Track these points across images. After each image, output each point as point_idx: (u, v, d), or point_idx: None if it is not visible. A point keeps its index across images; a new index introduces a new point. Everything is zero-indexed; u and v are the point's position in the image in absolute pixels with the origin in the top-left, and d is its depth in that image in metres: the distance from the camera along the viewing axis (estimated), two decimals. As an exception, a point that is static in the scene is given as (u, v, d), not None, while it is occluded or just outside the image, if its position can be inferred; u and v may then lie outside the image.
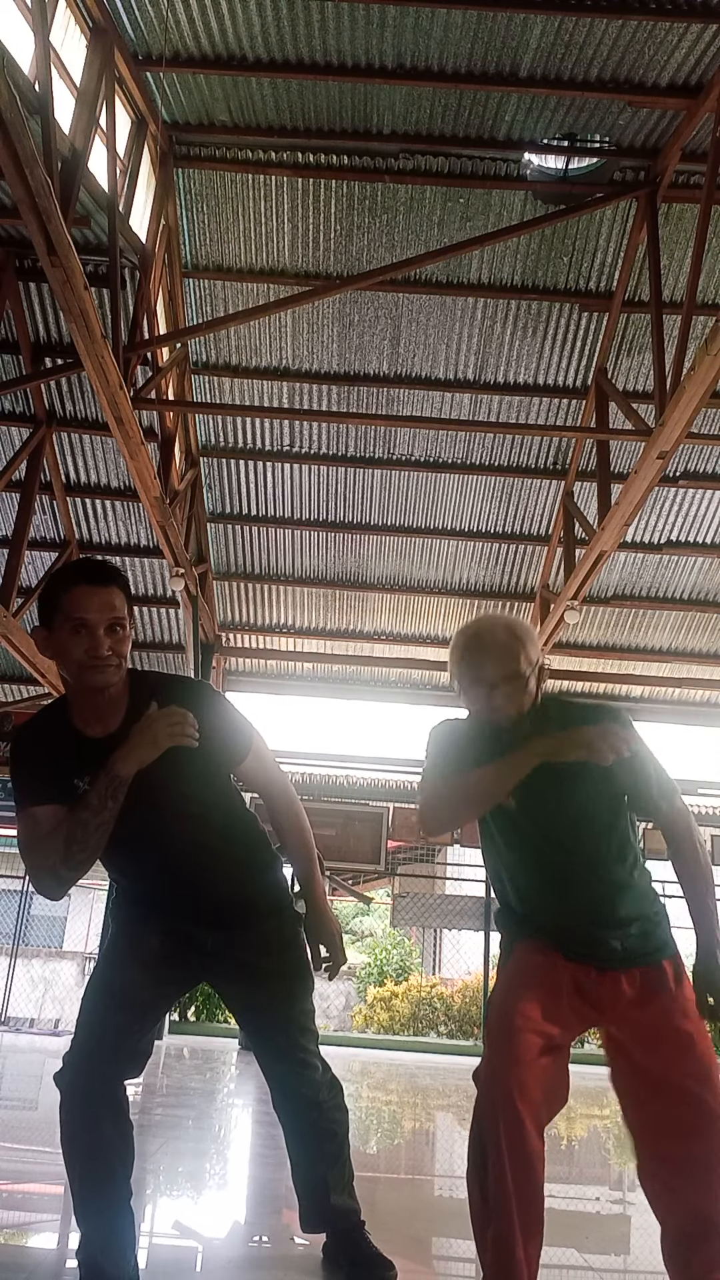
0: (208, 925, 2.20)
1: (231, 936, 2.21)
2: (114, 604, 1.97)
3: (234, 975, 2.29)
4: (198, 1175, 3.67)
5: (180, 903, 2.19)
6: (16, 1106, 5.37)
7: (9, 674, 11.14)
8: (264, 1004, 2.29)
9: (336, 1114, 2.41)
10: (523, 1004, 2.07)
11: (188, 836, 2.11)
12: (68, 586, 1.96)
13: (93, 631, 1.94)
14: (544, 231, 7.05)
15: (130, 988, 2.14)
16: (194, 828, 2.13)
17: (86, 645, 1.94)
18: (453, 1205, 3.54)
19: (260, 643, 11.09)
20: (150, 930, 2.20)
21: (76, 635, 1.94)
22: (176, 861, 2.13)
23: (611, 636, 10.67)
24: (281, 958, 2.28)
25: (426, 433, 8.64)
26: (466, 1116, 4.22)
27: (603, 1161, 5.05)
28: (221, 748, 2.11)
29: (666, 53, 5.69)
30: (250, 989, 2.29)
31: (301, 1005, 2.32)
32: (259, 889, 2.27)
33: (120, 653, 1.98)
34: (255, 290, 7.59)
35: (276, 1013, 2.29)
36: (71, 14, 5.60)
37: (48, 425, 8.33)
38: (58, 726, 2.06)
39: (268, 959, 2.25)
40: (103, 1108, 2.06)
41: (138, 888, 2.23)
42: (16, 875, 12.85)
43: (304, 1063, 2.32)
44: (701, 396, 5.69)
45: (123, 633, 1.98)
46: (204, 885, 2.16)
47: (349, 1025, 12.51)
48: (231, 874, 2.20)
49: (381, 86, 6.10)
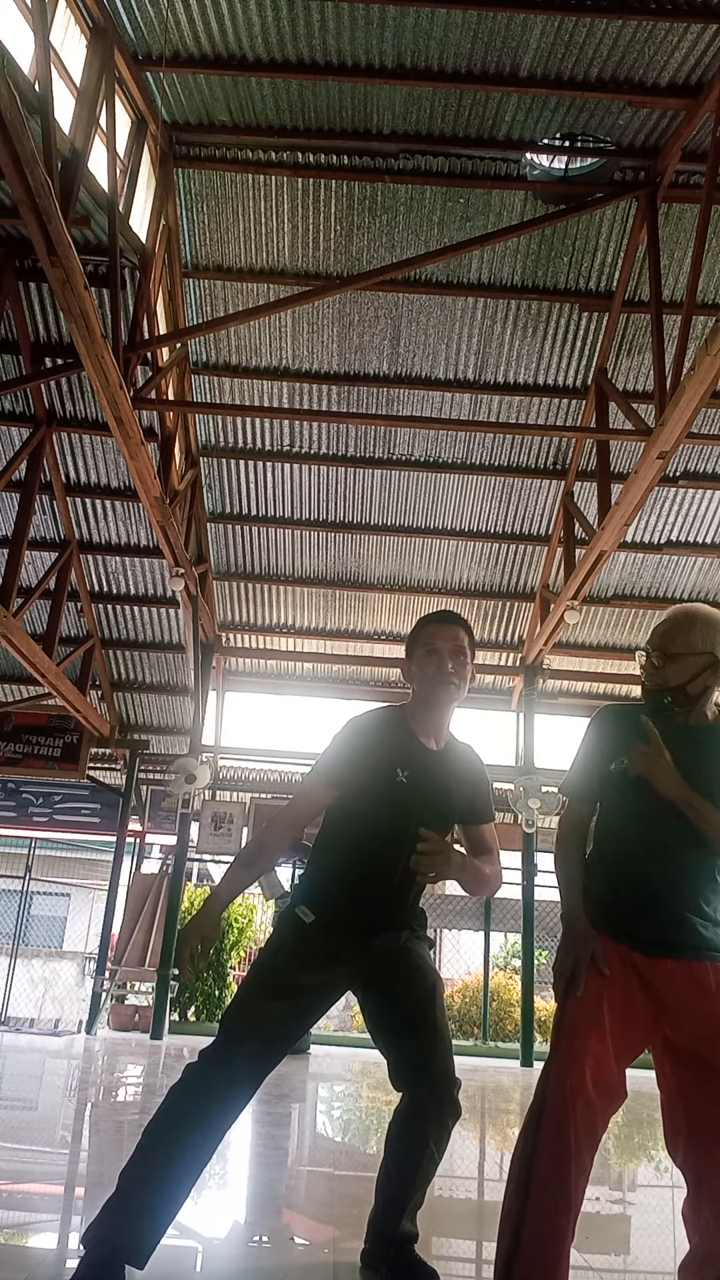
0: (378, 931, 2.47)
1: (390, 945, 2.48)
2: (458, 636, 2.51)
3: (390, 979, 2.47)
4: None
5: (373, 905, 2.46)
6: (16, 1106, 5.36)
7: (9, 674, 11.14)
8: (421, 1017, 2.44)
9: (446, 1140, 2.47)
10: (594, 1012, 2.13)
11: (412, 852, 2.35)
12: (425, 625, 2.57)
13: (441, 655, 2.47)
14: (544, 231, 7.05)
15: (294, 985, 2.35)
16: (445, 833, 2.50)
17: (436, 664, 2.47)
18: (453, 1205, 3.54)
19: (260, 643, 11.09)
20: (323, 936, 2.41)
21: (429, 658, 2.48)
22: (398, 864, 2.39)
23: (611, 636, 10.67)
24: (431, 977, 2.50)
25: (426, 433, 8.64)
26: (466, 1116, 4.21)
27: (603, 1161, 5.05)
28: (476, 810, 2.59)
29: (666, 53, 5.69)
30: (408, 1000, 2.45)
31: (446, 1026, 2.49)
32: (416, 914, 2.60)
33: (460, 674, 2.48)
34: (255, 290, 7.59)
35: (435, 1026, 2.44)
36: (71, 14, 5.60)
37: (48, 425, 8.33)
38: (400, 723, 2.51)
39: (422, 976, 2.48)
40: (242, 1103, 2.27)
41: (351, 875, 2.46)
42: (16, 875, 12.86)
43: (450, 1082, 2.42)
44: (701, 396, 5.69)
45: (463, 659, 2.49)
46: (401, 891, 2.48)
47: (349, 1025, 12.51)
48: (418, 889, 2.55)
49: (381, 86, 6.10)
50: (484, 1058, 9.79)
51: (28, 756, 11.06)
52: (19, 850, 13.66)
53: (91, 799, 11.75)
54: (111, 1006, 10.42)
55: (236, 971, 11.96)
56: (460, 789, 2.52)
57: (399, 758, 2.44)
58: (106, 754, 11.88)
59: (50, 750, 11.07)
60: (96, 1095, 5.86)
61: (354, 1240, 2.89)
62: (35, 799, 11.83)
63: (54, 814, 11.83)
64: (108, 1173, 3.65)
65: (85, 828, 11.92)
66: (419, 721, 2.52)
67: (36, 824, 12.00)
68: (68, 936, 18.90)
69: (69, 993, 13.82)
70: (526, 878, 10.26)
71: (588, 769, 2.41)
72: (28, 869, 12.48)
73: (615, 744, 2.34)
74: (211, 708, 11.19)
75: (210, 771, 10.76)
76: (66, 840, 13.70)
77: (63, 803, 11.80)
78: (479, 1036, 11.08)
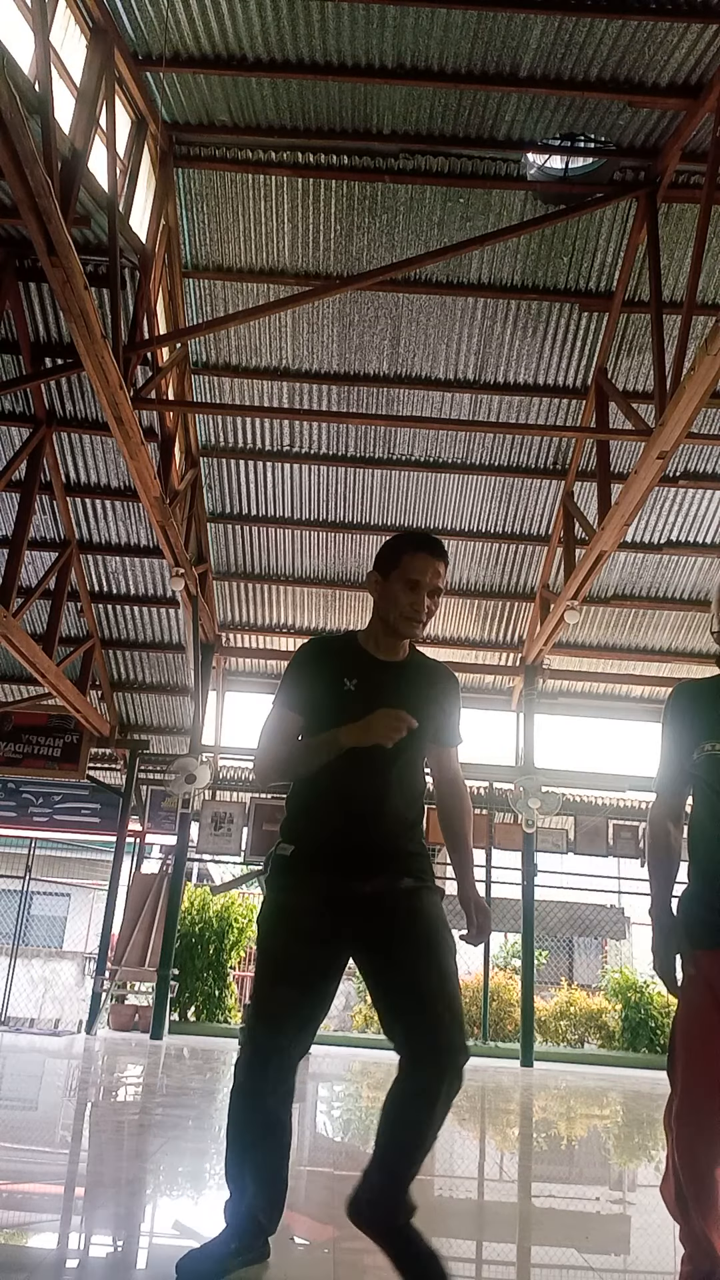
0: (363, 872, 2.31)
1: (383, 891, 2.30)
2: (440, 574, 2.41)
3: (388, 936, 2.28)
4: (198, 1175, 3.67)
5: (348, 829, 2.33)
6: (16, 1106, 5.36)
7: (9, 674, 11.13)
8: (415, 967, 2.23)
9: (445, 1115, 2.23)
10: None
11: (402, 761, 2.35)
12: (412, 551, 2.42)
13: (420, 592, 2.37)
14: (544, 231, 7.05)
15: (296, 961, 2.27)
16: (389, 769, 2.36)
17: (413, 601, 2.37)
18: (453, 1205, 3.53)
19: (260, 643, 11.09)
20: (307, 892, 2.31)
21: (407, 591, 2.38)
22: (386, 768, 2.34)
23: (611, 636, 10.66)
24: (433, 926, 2.30)
25: (426, 433, 8.64)
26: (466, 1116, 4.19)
27: (603, 1161, 5.05)
28: (441, 730, 2.49)
29: (666, 53, 5.68)
30: (403, 952, 2.25)
31: (456, 979, 2.26)
32: (412, 848, 2.42)
33: (431, 613, 2.42)
34: (255, 290, 7.59)
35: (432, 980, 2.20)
36: (71, 14, 5.59)
37: (48, 425, 8.33)
38: (345, 644, 2.48)
39: (419, 923, 2.29)
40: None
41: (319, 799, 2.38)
42: (16, 875, 12.86)
43: (456, 1048, 2.17)
44: (701, 396, 5.69)
45: (437, 599, 2.42)
46: (375, 815, 2.35)
47: (349, 1025, 12.51)
48: (398, 817, 2.39)
49: (381, 86, 6.10)
50: (484, 1058, 9.78)
51: (28, 756, 11.05)
52: (19, 850, 13.66)
53: (91, 799, 11.75)
54: (111, 1006, 10.42)
55: (237, 971, 11.96)
56: (422, 705, 2.38)
57: (345, 668, 2.40)
58: (106, 754, 11.88)
59: (50, 750, 11.06)
60: (96, 1095, 5.86)
61: (354, 1240, 2.89)
62: (35, 799, 11.83)
63: (54, 814, 11.83)
64: (108, 1173, 3.65)
65: (85, 828, 11.92)
66: (372, 638, 2.47)
67: (36, 824, 12.01)
68: (68, 936, 18.90)
69: (69, 993, 13.82)
70: (526, 878, 10.26)
71: (669, 757, 2.31)
72: (28, 869, 12.48)
73: (697, 725, 2.24)
74: (211, 708, 11.19)
75: (210, 771, 10.76)
76: (66, 840, 13.71)
77: (63, 803, 11.80)
78: (479, 1036, 11.07)
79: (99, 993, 10.18)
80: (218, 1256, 2.19)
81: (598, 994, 13.12)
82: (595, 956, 16.75)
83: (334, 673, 2.39)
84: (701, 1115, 2.13)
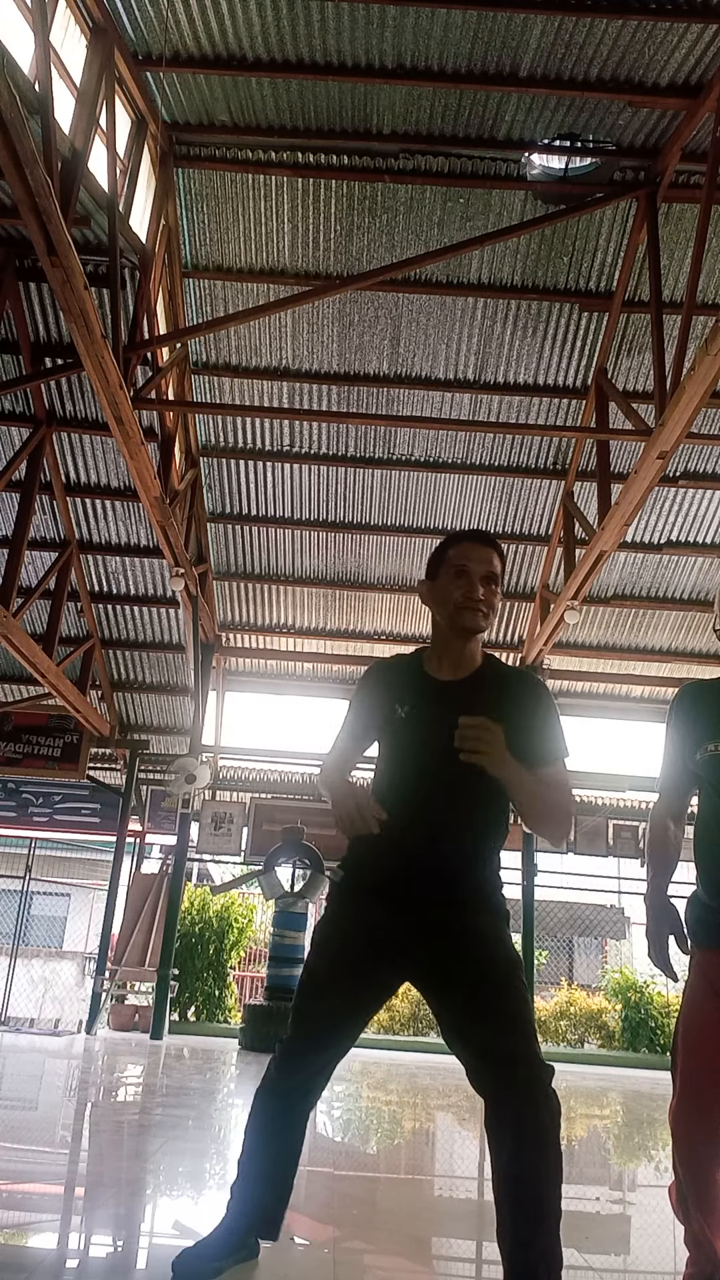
0: (423, 905, 2.15)
1: (446, 914, 2.14)
2: (491, 560, 2.26)
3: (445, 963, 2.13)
4: (198, 1175, 3.67)
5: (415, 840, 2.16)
6: (16, 1106, 5.36)
7: (9, 674, 11.13)
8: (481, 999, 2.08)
9: (553, 1143, 1.98)
10: None
11: (459, 790, 2.16)
12: (455, 542, 2.31)
13: (471, 578, 2.22)
14: (544, 231, 7.05)
15: (341, 984, 2.20)
16: (468, 786, 2.14)
17: (465, 588, 2.22)
18: (453, 1205, 3.54)
19: (260, 643, 11.09)
20: (364, 918, 2.20)
21: (457, 580, 2.23)
22: (438, 797, 2.17)
23: (611, 636, 10.66)
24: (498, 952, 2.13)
25: (426, 433, 8.64)
26: (466, 1116, 4.20)
27: (603, 1161, 5.05)
28: (528, 747, 2.16)
29: (666, 53, 5.69)
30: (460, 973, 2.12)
31: (528, 1007, 2.14)
32: (483, 875, 2.24)
33: (490, 603, 2.24)
34: (255, 290, 7.59)
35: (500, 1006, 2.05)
36: (71, 14, 5.59)
37: (48, 425, 8.33)
38: (407, 666, 2.36)
39: (483, 949, 2.12)
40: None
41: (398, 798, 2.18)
42: (16, 875, 12.85)
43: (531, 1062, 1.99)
44: (701, 396, 5.69)
45: (494, 587, 2.25)
46: (444, 833, 2.16)
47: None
48: (469, 841, 2.21)
49: (381, 86, 6.10)
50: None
51: (28, 756, 11.05)
52: (19, 850, 13.66)
53: (91, 799, 11.75)
54: (111, 1006, 10.41)
55: (237, 971, 11.96)
56: (496, 720, 2.09)
57: (397, 693, 2.26)
58: (106, 754, 11.88)
59: (50, 750, 11.06)
60: (96, 1095, 5.86)
61: (354, 1240, 2.89)
62: (35, 799, 11.83)
63: (54, 814, 11.83)
64: (108, 1173, 3.65)
65: (85, 828, 11.92)
66: (434, 654, 2.30)
67: (36, 824, 12.00)
68: (68, 936, 18.89)
69: (69, 993, 13.81)
70: (526, 877, 10.26)
71: (672, 757, 2.30)
72: (28, 869, 12.47)
73: (700, 725, 2.23)
74: (211, 708, 11.19)
75: (210, 771, 10.76)
76: (66, 840, 13.70)
77: (63, 803, 11.80)
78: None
79: (99, 993, 10.18)
80: (213, 1254, 2.20)
81: (598, 994, 13.13)
82: (595, 956, 16.76)
83: (388, 698, 2.27)
84: (701, 1115, 2.13)
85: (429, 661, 2.33)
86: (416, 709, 2.23)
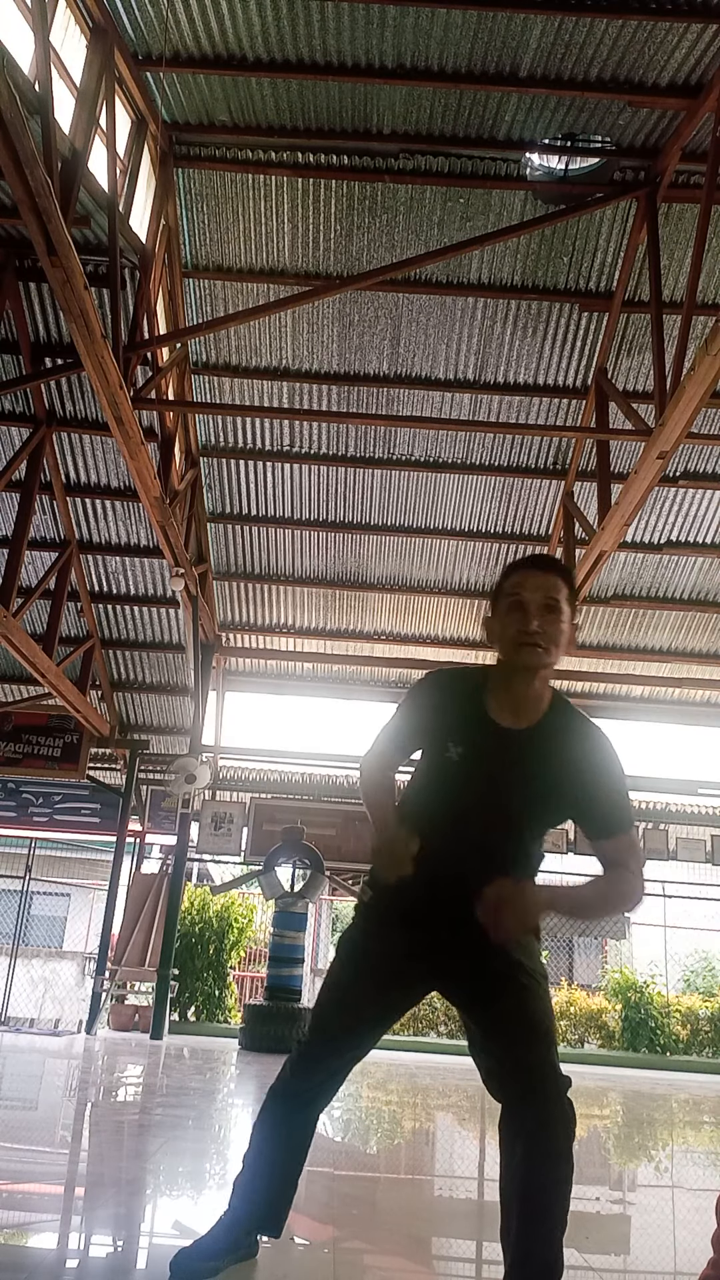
0: (455, 910, 2.05)
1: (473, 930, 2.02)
2: (550, 586, 2.03)
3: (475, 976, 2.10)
4: (198, 1175, 3.67)
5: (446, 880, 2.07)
6: (16, 1106, 5.36)
7: (9, 674, 11.13)
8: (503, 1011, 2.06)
9: (563, 1157, 1.96)
10: None
11: (497, 843, 2.10)
12: (512, 571, 2.10)
13: (527, 610, 2.01)
14: (544, 231, 7.05)
15: (363, 1000, 2.17)
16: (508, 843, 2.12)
17: (519, 622, 2.01)
18: (453, 1205, 3.54)
19: (260, 643, 11.10)
20: (388, 942, 2.16)
21: (511, 613, 2.03)
22: (474, 850, 2.08)
23: (611, 636, 10.66)
24: (524, 964, 2.09)
25: (426, 433, 8.64)
26: (466, 1117, 4.20)
27: (603, 1161, 5.05)
28: (601, 818, 2.08)
29: (666, 53, 5.69)
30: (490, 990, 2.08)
31: (550, 1018, 2.10)
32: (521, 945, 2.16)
33: (550, 636, 2.01)
34: (255, 290, 7.59)
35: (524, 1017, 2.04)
36: (71, 14, 5.60)
37: (48, 425, 8.33)
38: (468, 694, 2.10)
39: (508, 961, 2.07)
40: None
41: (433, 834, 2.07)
42: (16, 875, 12.85)
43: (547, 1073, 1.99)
44: (701, 396, 5.69)
45: (556, 616, 2.02)
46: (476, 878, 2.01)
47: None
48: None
49: (381, 86, 6.10)
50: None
51: (28, 756, 11.06)
52: (19, 850, 13.66)
53: (91, 799, 11.76)
54: (111, 1006, 10.42)
55: (237, 972, 11.96)
56: (554, 785, 2.02)
57: (452, 729, 2.07)
58: (106, 754, 11.88)
59: (50, 750, 11.07)
60: (96, 1095, 5.86)
61: (354, 1240, 2.89)
62: (35, 799, 11.83)
63: (54, 814, 11.84)
64: (108, 1173, 3.65)
65: (85, 828, 11.93)
66: (496, 691, 2.08)
67: (36, 824, 12.01)
68: (68, 936, 18.88)
69: (69, 993, 13.81)
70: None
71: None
72: (28, 869, 12.47)
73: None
74: (211, 708, 11.19)
75: (210, 771, 10.76)
76: (66, 840, 13.70)
77: (63, 803, 11.81)
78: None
79: (99, 993, 10.19)
80: (212, 1253, 2.20)
81: (597, 994, 13.13)
82: (595, 956, 16.77)
83: (442, 731, 2.10)
84: None
85: (492, 694, 2.09)
86: (469, 756, 2.06)
